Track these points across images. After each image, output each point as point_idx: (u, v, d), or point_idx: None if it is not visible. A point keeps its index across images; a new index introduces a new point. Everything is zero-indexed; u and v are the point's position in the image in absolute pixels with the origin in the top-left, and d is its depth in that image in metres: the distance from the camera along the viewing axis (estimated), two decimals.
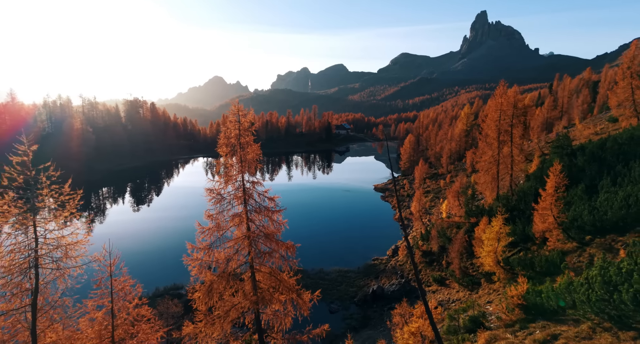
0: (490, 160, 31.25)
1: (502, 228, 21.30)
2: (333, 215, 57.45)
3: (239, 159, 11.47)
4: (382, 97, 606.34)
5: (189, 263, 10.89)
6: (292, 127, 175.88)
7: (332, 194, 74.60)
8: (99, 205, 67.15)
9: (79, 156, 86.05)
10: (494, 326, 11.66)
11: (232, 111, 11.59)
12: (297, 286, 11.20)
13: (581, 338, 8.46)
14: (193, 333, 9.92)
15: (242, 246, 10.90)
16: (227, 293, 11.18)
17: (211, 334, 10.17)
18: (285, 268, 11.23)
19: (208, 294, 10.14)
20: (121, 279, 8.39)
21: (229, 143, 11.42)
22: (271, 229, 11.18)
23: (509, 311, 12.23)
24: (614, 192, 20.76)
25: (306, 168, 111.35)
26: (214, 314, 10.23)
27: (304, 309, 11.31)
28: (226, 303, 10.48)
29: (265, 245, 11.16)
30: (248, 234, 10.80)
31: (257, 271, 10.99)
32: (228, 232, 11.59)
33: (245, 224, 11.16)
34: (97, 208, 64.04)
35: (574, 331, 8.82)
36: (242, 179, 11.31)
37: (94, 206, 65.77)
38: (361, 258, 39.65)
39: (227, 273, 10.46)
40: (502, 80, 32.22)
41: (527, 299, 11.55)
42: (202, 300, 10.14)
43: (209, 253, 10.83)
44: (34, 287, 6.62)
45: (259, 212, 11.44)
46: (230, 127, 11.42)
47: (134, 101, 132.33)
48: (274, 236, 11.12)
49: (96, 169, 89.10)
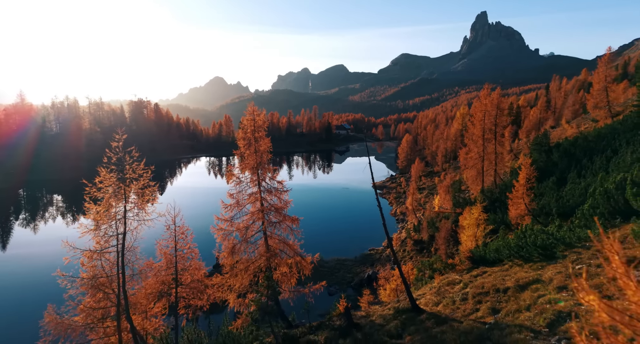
0: (475, 157, 34.12)
1: (480, 215, 24.15)
2: (333, 210, 60.33)
3: (253, 149, 14.35)
4: (383, 97, 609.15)
5: (214, 232, 13.76)
6: (293, 128, 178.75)
7: (331, 192, 77.47)
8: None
9: (88, 155, 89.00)
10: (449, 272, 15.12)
11: (248, 112, 14.47)
12: (301, 250, 14.13)
13: (501, 271, 11.59)
14: (220, 282, 12.82)
15: (257, 218, 13.81)
16: (244, 258, 14.08)
17: (234, 285, 13.07)
18: (291, 236, 14.14)
19: (231, 254, 13.03)
20: (181, 227, 11.32)
21: (245, 137, 14.30)
22: (279, 205, 14.08)
23: (461, 262, 15.41)
24: (578, 183, 23.63)
25: (307, 167, 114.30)
26: (236, 269, 13.13)
27: (306, 269, 14.20)
28: (245, 262, 13.39)
29: (275, 217, 14.06)
30: (262, 209, 13.72)
31: (269, 237, 13.91)
32: (245, 209, 14.49)
33: (259, 201, 14.07)
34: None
35: (498, 268, 11.98)
36: (257, 165, 14.20)
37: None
38: (358, 249, 42.50)
39: (246, 238, 13.38)
40: (487, 83, 35.07)
41: (474, 253, 14.63)
42: (227, 259, 13.04)
43: (231, 224, 13.73)
44: (123, 231, 9.48)
45: (269, 192, 14.33)
46: (247, 124, 14.30)
47: (138, 101, 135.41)
48: (281, 211, 14.03)
49: None
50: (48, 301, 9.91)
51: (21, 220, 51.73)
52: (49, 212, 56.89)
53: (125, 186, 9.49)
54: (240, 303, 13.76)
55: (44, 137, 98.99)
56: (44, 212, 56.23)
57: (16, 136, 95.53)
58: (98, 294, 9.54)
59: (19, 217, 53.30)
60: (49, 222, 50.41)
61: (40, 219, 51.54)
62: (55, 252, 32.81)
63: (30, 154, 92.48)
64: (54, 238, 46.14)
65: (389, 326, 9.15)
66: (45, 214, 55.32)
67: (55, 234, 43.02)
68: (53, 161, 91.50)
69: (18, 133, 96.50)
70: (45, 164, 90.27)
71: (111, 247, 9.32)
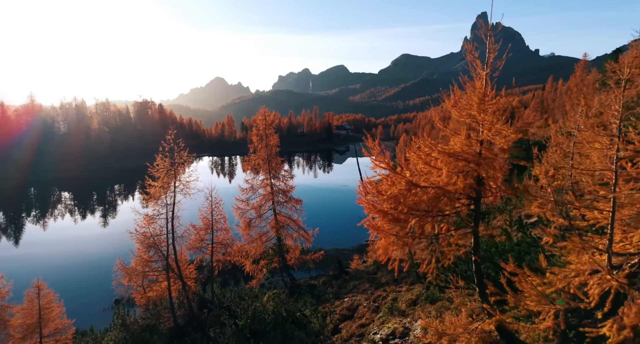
0: None
1: None
2: (332, 206, 63.70)
3: (264, 144, 17.66)
4: (383, 98, 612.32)
5: (233, 210, 17.09)
6: (294, 128, 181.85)
7: (331, 190, 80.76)
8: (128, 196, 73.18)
9: (96, 154, 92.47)
10: None
11: (260, 113, 17.78)
12: (303, 225, 17.49)
13: None
14: (240, 248, 16.19)
15: (268, 199, 17.16)
16: (258, 231, 17.44)
17: (250, 251, 16.42)
18: (295, 214, 17.49)
19: (248, 227, 16.37)
20: (215, 198, 14.54)
21: (258, 134, 17.62)
22: (285, 188, 17.43)
23: None
24: None
25: (307, 167, 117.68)
26: (253, 238, 16.50)
27: (308, 241, 17.53)
28: (259, 233, 16.75)
29: (282, 198, 17.40)
30: (272, 191, 17.07)
31: (277, 214, 17.25)
32: (258, 192, 17.83)
33: (269, 186, 17.40)
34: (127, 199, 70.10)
35: None
36: (267, 157, 17.51)
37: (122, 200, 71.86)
38: (356, 240, 45.83)
39: (260, 214, 16.73)
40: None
41: None
42: (244, 231, 16.38)
43: (247, 204, 17.08)
44: (172, 202, 12.79)
45: (277, 179, 17.66)
46: (259, 123, 17.62)
47: (143, 102, 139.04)
48: (287, 193, 17.38)
49: (111, 166, 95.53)
50: (119, 255, 13.53)
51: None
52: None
53: (175, 168, 12.81)
54: (255, 268, 17.08)
55: (53, 137, 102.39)
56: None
57: (26, 136, 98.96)
58: (150, 250, 12.87)
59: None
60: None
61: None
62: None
63: (38, 153, 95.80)
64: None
65: (368, 269, 12.32)
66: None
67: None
68: (61, 160, 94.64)
69: (28, 133, 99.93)
70: (53, 163, 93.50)
71: (162, 215, 12.62)
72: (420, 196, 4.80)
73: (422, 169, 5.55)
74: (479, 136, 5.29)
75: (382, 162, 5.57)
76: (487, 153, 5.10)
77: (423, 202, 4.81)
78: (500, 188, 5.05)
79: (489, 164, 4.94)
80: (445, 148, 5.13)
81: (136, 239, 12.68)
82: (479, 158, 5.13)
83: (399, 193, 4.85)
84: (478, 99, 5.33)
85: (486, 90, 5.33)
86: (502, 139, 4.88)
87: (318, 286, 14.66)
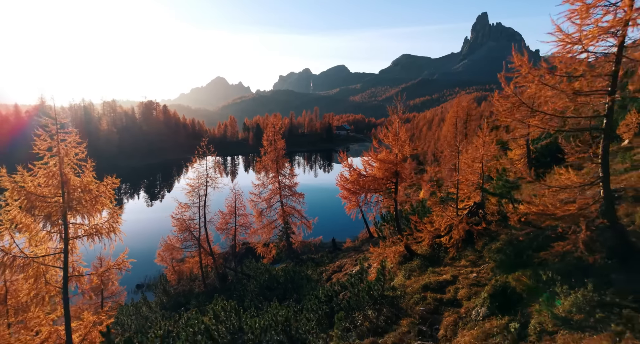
0: (447, 155, 40.98)
1: None
2: (332, 203, 67.33)
3: (273, 147, 21.26)
4: (383, 98, 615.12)
5: (247, 202, 20.70)
6: (295, 128, 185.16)
7: (330, 188, 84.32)
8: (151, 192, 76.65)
9: (106, 153, 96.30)
10: None
11: (270, 121, 21.43)
12: (305, 214, 21.13)
13: None
14: (254, 232, 19.84)
15: (276, 193, 20.76)
16: (267, 219, 21.05)
17: (262, 235, 20.07)
18: (299, 205, 21.10)
19: (260, 216, 19.99)
20: (238, 191, 18.28)
21: (268, 139, 21.21)
22: (290, 184, 21.05)
23: None
24: None
25: (308, 166, 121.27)
26: (264, 224, 20.15)
27: (309, 228, 21.15)
28: (269, 221, 20.37)
29: (288, 192, 21.01)
30: (279, 186, 20.68)
31: (284, 205, 20.86)
32: (268, 187, 21.45)
33: (277, 182, 21.01)
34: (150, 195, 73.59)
35: None
36: (276, 157, 21.09)
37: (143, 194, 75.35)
38: (354, 232, 49.53)
39: (269, 205, 20.36)
40: (459, 94, 41.85)
41: None
42: (257, 219, 20.01)
43: (259, 197, 20.70)
44: (205, 193, 16.39)
45: (284, 176, 21.27)
46: (269, 130, 21.21)
47: (148, 103, 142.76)
48: (292, 188, 20.99)
49: (120, 165, 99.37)
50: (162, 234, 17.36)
51: None
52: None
53: (206, 168, 16.46)
54: (265, 250, 20.78)
55: None
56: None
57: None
58: (185, 232, 16.53)
59: None
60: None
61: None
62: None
63: None
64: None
65: (356, 246, 15.86)
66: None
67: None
68: None
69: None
70: None
71: (195, 203, 16.28)
72: (366, 181, 8.75)
73: (366, 167, 9.92)
74: (395, 151, 9.27)
75: (346, 166, 10.21)
76: (400, 159, 9.17)
77: (367, 184, 8.76)
78: (408, 178, 8.92)
79: (401, 165, 8.83)
80: (378, 156, 9.19)
81: (172, 223, 16.33)
82: (396, 161, 9.09)
83: (355, 180, 8.84)
84: (392, 134, 9.38)
85: (399, 130, 9.30)
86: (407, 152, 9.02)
87: (317, 258, 18.33)
